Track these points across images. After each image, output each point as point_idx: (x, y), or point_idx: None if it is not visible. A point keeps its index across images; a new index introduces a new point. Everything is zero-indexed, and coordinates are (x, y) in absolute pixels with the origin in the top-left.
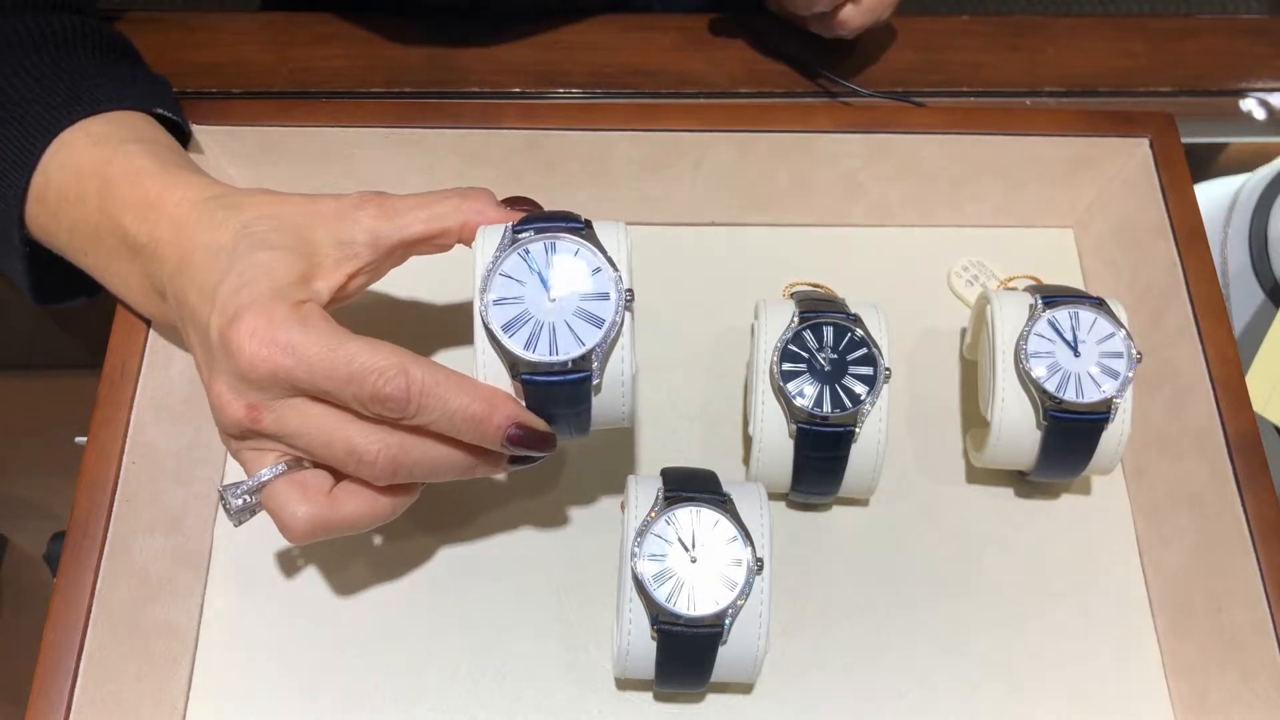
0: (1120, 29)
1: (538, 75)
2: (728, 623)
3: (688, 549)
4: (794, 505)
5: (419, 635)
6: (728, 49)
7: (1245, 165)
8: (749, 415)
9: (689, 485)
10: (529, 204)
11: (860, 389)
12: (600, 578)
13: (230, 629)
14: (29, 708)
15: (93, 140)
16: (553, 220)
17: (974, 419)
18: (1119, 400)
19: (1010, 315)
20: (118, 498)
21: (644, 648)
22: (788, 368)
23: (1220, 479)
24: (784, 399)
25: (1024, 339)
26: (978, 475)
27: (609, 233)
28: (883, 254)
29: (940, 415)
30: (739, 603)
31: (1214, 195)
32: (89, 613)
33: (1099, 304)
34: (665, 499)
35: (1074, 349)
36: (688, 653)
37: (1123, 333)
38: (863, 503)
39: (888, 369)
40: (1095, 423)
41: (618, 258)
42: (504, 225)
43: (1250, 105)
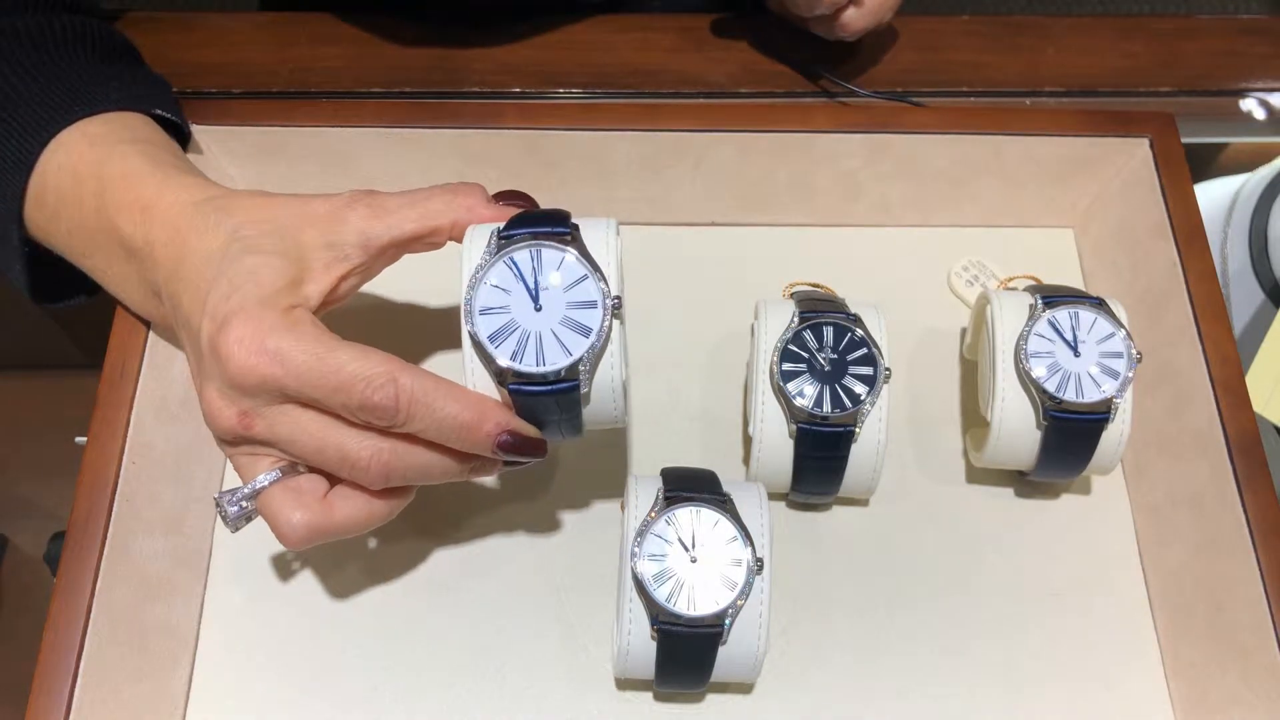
0: (1120, 29)
1: (538, 75)
2: (728, 623)
3: (688, 549)
4: (794, 505)
5: (419, 635)
6: (728, 49)
7: (1245, 165)
8: (749, 415)
9: (689, 485)
10: (521, 199)
11: (860, 389)
12: (600, 578)
13: (230, 629)
14: (29, 708)
15: (90, 141)
16: (540, 224)
17: (974, 419)
18: (1119, 400)
19: (1010, 315)
20: (118, 498)
21: (644, 648)
22: (788, 368)
23: (1220, 479)
24: (784, 399)
25: (1024, 339)
26: (978, 475)
27: (597, 235)
28: (883, 254)
29: (940, 415)
30: (739, 603)
31: (1214, 195)
32: (89, 613)
33: (1099, 304)
34: (665, 499)
35: (1074, 349)
36: (688, 653)
37: (1123, 333)
38: (863, 503)
39: (888, 369)
40: (1095, 423)
41: (605, 263)
42: (491, 229)
43: (1250, 105)
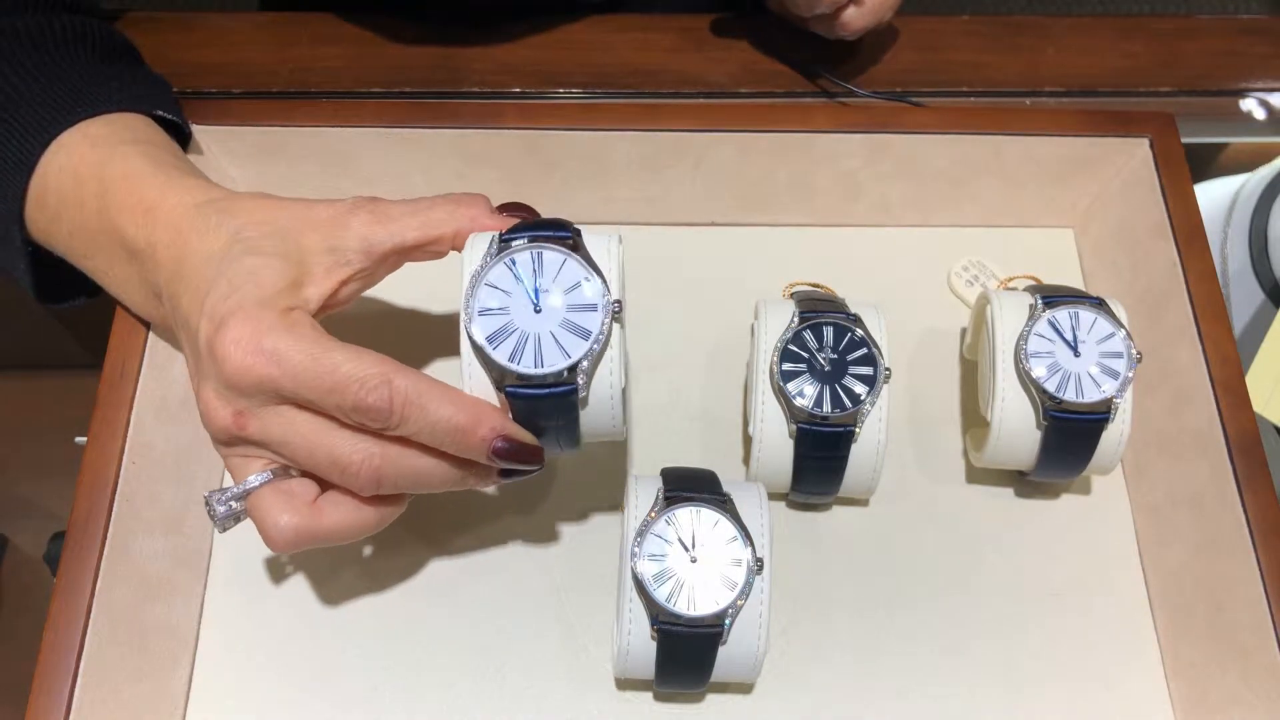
0: (1120, 29)
1: (538, 75)
2: (728, 623)
3: (688, 549)
4: (794, 505)
5: (419, 635)
6: (728, 49)
7: (1245, 165)
8: (749, 415)
9: (689, 485)
10: (524, 211)
11: (860, 389)
12: (600, 578)
13: (230, 629)
14: (29, 708)
15: (92, 142)
16: (542, 229)
17: (974, 419)
18: (1119, 400)
19: (1010, 315)
20: (118, 498)
21: (644, 648)
22: (788, 368)
23: (1220, 479)
24: (784, 399)
25: (1024, 339)
26: (978, 475)
27: (599, 244)
28: (883, 254)
29: (940, 415)
30: (739, 603)
31: (1214, 195)
32: (89, 613)
33: (1099, 304)
34: (665, 499)
35: (1074, 349)
36: (688, 653)
37: (1123, 333)
38: (863, 503)
39: (888, 369)
40: (1095, 423)
41: (606, 268)
42: (492, 233)
43: (1250, 105)
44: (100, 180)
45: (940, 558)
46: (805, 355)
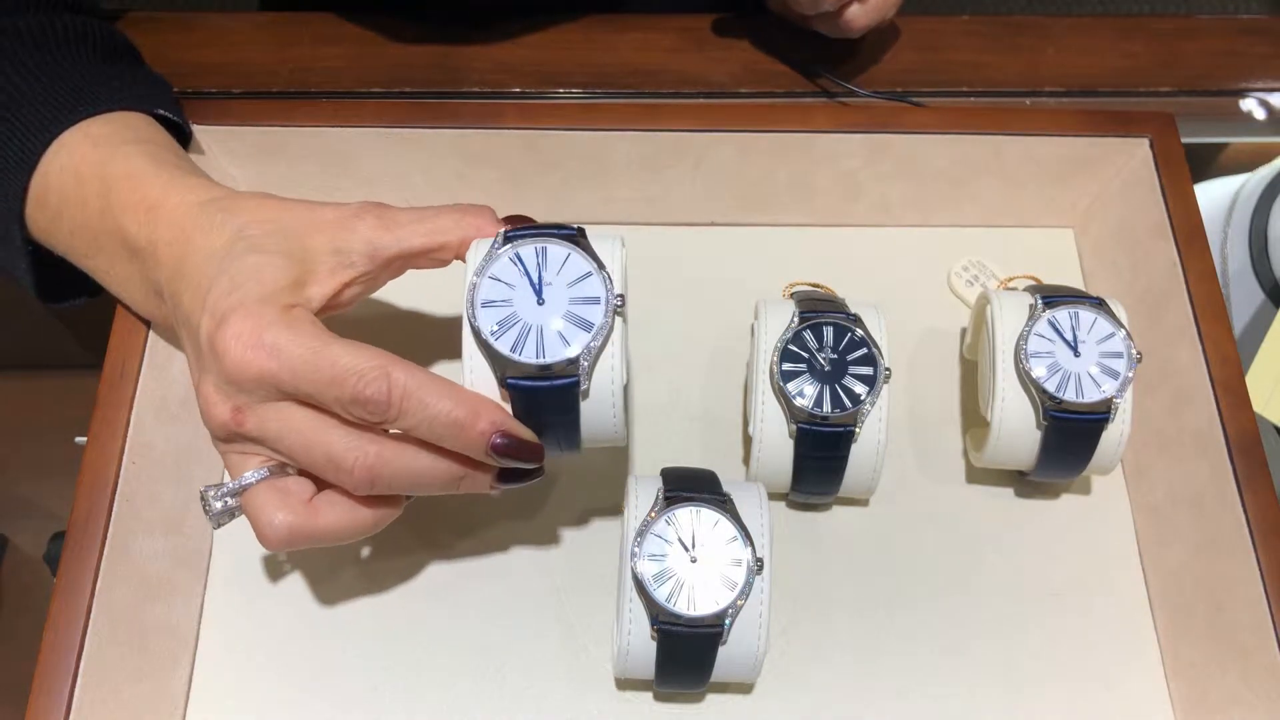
0: (1120, 29)
1: (538, 75)
2: (728, 623)
3: (688, 549)
4: (794, 505)
5: (418, 635)
6: (728, 49)
7: (1245, 165)
8: (749, 415)
9: (689, 485)
10: (529, 223)
11: (860, 389)
12: (600, 578)
13: (230, 629)
14: (29, 708)
15: (93, 142)
16: (547, 227)
17: (974, 419)
18: (1119, 400)
19: (1010, 315)
20: (118, 498)
21: (644, 648)
22: (788, 368)
23: (1220, 479)
24: (784, 399)
25: (1024, 339)
26: (978, 475)
27: (603, 243)
28: (883, 254)
29: (940, 415)
30: (739, 603)
31: (1214, 195)
32: (89, 613)
33: (1099, 304)
34: (665, 499)
35: (1074, 349)
36: (688, 653)
37: (1123, 333)
38: (863, 503)
39: (888, 369)
40: (1095, 423)
41: (610, 264)
42: (498, 232)
43: (1250, 105)
44: (102, 179)
45: (940, 558)
46: (805, 355)
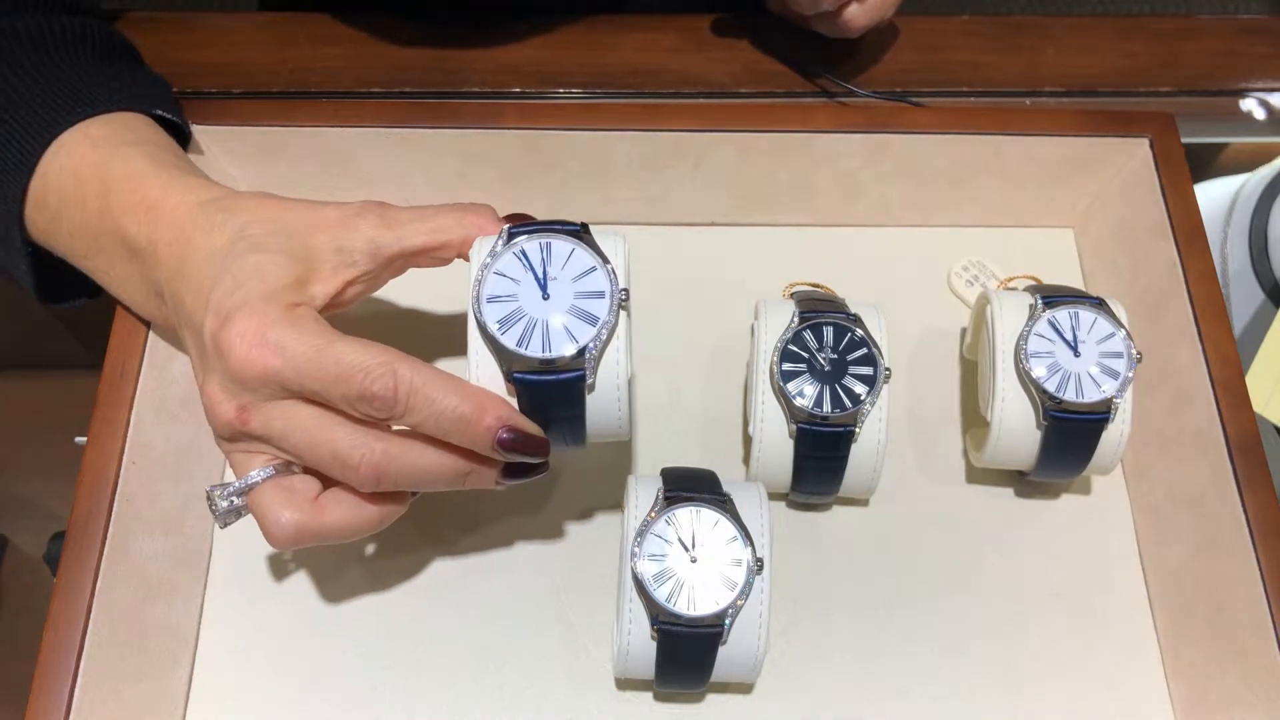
0: (1120, 29)
1: (538, 75)
2: (728, 623)
3: (688, 549)
4: (794, 505)
5: (419, 635)
6: (728, 49)
7: (1245, 165)
8: (749, 415)
9: (689, 485)
10: (531, 222)
11: (860, 389)
12: (600, 578)
13: (230, 629)
14: (29, 708)
15: (93, 142)
16: (550, 223)
17: (974, 419)
18: (1119, 400)
19: (1010, 315)
20: (118, 498)
21: (644, 648)
22: (788, 368)
23: (1220, 479)
24: (784, 399)
25: (1024, 339)
26: (978, 475)
27: (606, 240)
28: (883, 254)
29: (940, 415)
30: (739, 603)
31: (1214, 195)
32: (89, 613)
33: (1099, 304)
34: (665, 499)
35: (1074, 349)
36: (688, 653)
37: (1123, 333)
38: (863, 503)
39: (888, 369)
40: (1095, 423)
41: (614, 259)
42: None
43: (1250, 105)
44: (102, 180)
45: (940, 558)
46: (805, 355)
